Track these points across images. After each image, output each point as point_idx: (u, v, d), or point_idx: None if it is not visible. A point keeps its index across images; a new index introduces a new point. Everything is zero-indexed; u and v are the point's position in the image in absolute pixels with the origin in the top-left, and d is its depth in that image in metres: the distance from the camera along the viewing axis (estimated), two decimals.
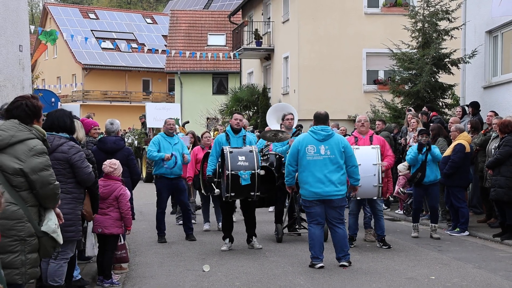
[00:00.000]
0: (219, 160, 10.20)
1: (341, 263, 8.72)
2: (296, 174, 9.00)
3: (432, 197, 11.43)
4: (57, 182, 5.48)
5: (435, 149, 11.38)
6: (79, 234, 6.79)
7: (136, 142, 26.39)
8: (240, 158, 9.86)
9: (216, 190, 10.10)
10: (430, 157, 11.16)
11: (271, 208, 13.52)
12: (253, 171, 9.78)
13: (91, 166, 6.78)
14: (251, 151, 9.96)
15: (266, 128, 14.50)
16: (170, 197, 12.38)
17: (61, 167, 6.42)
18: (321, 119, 8.96)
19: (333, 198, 8.66)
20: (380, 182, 10.08)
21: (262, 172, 9.92)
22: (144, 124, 26.58)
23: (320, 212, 8.72)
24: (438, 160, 11.36)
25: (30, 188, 5.31)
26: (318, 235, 8.72)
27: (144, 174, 25.52)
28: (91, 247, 8.07)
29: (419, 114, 15.06)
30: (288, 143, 11.21)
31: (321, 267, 8.61)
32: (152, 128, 24.67)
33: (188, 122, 24.28)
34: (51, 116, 6.70)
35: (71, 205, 6.54)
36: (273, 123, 13.81)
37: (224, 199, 9.98)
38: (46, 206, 5.48)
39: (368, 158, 10.01)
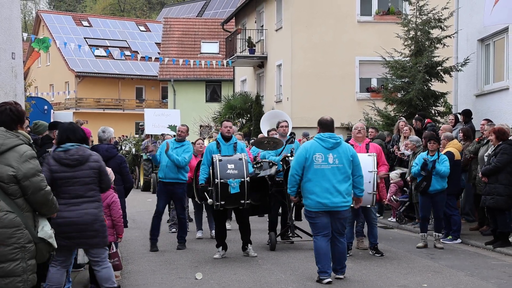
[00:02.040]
0: (210, 168, 10.20)
1: (337, 275, 8.40)
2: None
3: (438, 206, 11.20)
4: (48, 188, 5.49)
5: (441, 166, 10.98)
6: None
7: (134, 149, 26.13)
8: (229, 166, 9.85)
9: (209, 200, 10.07)
10: (437, 166, 11.02)
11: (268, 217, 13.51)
12: (242, 179, 9.77)
13: None
14: (240, 159, 9.94)
15: (259, 135, 14.52)
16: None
17: (94, 176, 6.61)
18: (327, 125, 8.45)
19: (340, 209, 8.24)
20: (375, 189, 10.06)
21: (273, 171, 9.93)
22: (143, 131, 25.90)
23: (326, 223, 8.24)
24: (444, 175, 11.17)
25: (23, 194, 5.32)
26: (325, 248, 8.26)
27: (141, 182, 25.28)
28: (83, 255, 8.02)
29: (414, 120, 15.10)
30: (279, 153, 11.25)
31: (329, 282, 8.16)
32: (151, 135, 23.88)
33: None
34: (72, 128, 6.71)
35: (102, 212, 6.76)
36: (266, 130, 13.83)
37: (214, 207, 9.97)
38: (40, 212, 5.48)
39: (364, 165, 9.94)
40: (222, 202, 9.80)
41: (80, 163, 6.53)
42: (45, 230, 5.51)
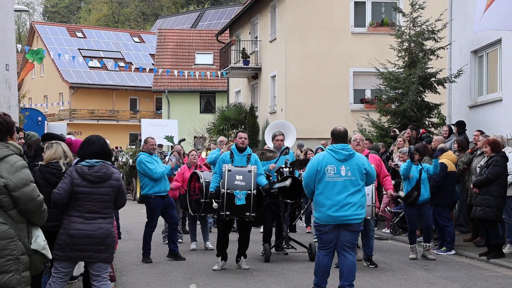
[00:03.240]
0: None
1: None
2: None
3: (426, 216, 11.25)
4: (41, 197, 5.46)
5: (436, 161, 11.28)
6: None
7: (130, 161, 25.94)
8: (237, 177, 9.79)
9: (214, 204, 9.91)
10: (424, 175, 11.12)
11: (262, 229, 13.50)
12: (249, 192, 9.73)
13: None
14: (250, 171, 9.89)
15: (265, 146, 14.51)
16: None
17: (113, 194, 6.61)
18: (340, 137, 8.10)
19: (352, 222, 7.93)
20: (374, 201, 10.05)
21: (287, 183, 10.02)
22: (141, 141, 25.85)
23: (333, 239, 7.98)
24: (431, 174, 11.31)
25: (15, 205, 5.31)
26: (326, 264, 8.06)
27: (138, 194, 25.07)
28: (77, 266, 7.99)
29: (408, 129, 15.14)
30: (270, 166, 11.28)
31: None
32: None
33: (184, 139, 23.59)
34: (99, 144, 6.70)
35: (113, 229, 6.75)
36: (270, 140, 13.82)
37: (220, 217, 9.92)
38: (33, 222, 5.46)
39: None
40: (227, 213, 9.75)
41: (102, 180, 6.53)
42: (38, 241, 5.49)
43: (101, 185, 6.52)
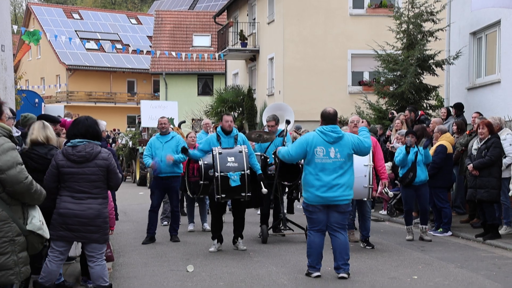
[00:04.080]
0: (207, 162, 10.17)
1: (340, 274, 8.11)
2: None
3: (423, 198, 11.27)
4: (29, 179, 5.42)
5: (427, 151, 11.29)
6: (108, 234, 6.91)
7: (130, 143, 25.89)
8: (229, 159, 9.79)
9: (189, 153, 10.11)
10: (420, 158, 11.13)
11: (259, 211, 13.52)
12: (242, 172, 9.73)
13: None
14: (240, 152, 9.89)
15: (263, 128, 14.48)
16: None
17: (101, 173, 6.58)
18: (330, 118, 8.20)
19: (340, 203, 8.09)
20: (371, 183, 10.05)
21: (264, 191, 9.88)
22: (140, 123, 25.31)
23: (323, 219, 8.14)
24: (429, 162, 11.34)
25: (3, 187, 5.27)
26: (318, 244, 8.17)
27: (137, 177, 25.04)
28: (74, 247, 8.02)
29: (407, 111, 15.13)
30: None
31: (318, 276, 8.14)
32: (147, 127, 23.41)
33: (184, 122, 23.35)
34: (84, 124, 6.68)
35: (106, 209, 6.72)
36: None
37: (216, 200, 9.93)
38: (24, 202, 5.44)
39: (360, 158, 9.91)
40: (223, 195, 9.76)
41: (86, 160, 6.52)
42: (34, 222, 5.48)
43: (86, 165, 6.52)
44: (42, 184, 6.03)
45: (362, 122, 10.43)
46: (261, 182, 9.93)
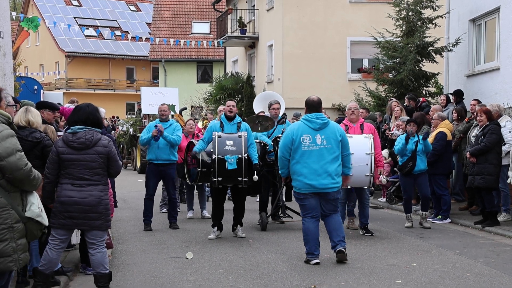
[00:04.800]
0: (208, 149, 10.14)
1: (338, 248, 8.17)
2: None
3: (423, 185, 11.28)
4: (28, 165, 5.42)
5: (427, 141, 11.25)
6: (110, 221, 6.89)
7: (131, 130, 25.80)
8: (227, 142, 9.78)
9: (202, 154, 9.94)
10: (420, 147, 11.12)
11: (258, 198, 13.54)
12: (240, 156, 9.73)
13: None
14: (239, 136, 9.88)
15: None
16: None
17: (101, 160, 6.57)
18: (314, 106, 8.31)
19: (329, 191, 8.15)
20: (372, 171, 10.06)
21: (255, 178, 9.85)
22: (140, 110, 25.18)
23: (315, 205, 8.21)
24: (428, 151, 11.33)
25: (2, 174, 5.27)
26: (313, 230, 8.21)
27: (138, 164, 24.98)
28: (74, 235, 8.03)
29: (407, 100, 15.13)
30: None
31: (317, 263, 8.16)
32: (148, 114, 23.17)
33: (185, 108, 23.09)
34: (84, 111, 6.67)
35: (107, 195, 6.72)
36: (259, 111, 13.78)
37: (213, 184, 9.92)
38: (23, 188, 5.44)
39: (361, 147, 9.92)
40: (220, 179, 9.75)
41: (86, 146, 6.51)
42: (32, 209, 5.48)
43: (86, 151, 6.51)
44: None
45: (361, 113, 10.42)
46: (255, 172, 9.89)
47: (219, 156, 9.67)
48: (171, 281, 7.46)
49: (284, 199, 11.50)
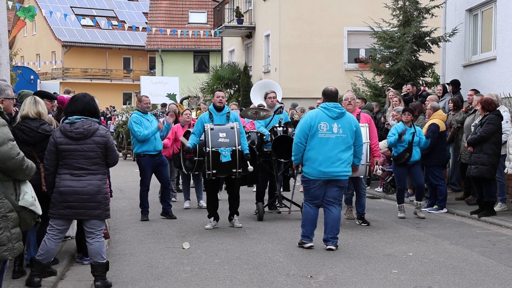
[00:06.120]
0: (201, 139, 10.13)
1: (328, 246, 8.42)
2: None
3: (417, 175, 11.32)
4: (21, 155, 5.38)
5: (422, 136, 11.30)
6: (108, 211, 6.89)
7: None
8: (220, 135, 9.80)
9: (188, 145, 9.99)
10: (416, 139, 11.14)
11: (255, 188, 13.55)
12: (233, 148, 9.74)
13: None
14: (232, 128, 9.89)
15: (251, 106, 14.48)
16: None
17: (99, 150, 6.57)
18: (332, 96, 8.56)
19: (341, 178, 8.41)
20: (368, 160, 10.12)
21: (250, 169, 9.85)
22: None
23: (320, 194, 8.46)
24: (425, 148, 11.36)
25: None
26: (313, 215, 8.49)
27: None
28: (70, 226, 8.00)
29: (409, 86, 15.15)
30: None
31: (311, 246, 8.46)
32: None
33: (187, 97, 22.64)
34: (82, 101, 6.66)
35: (106, 184, 6.72)
36: (257, 100, 13.77)
37: (207, 176, 9.94)
38: (16, 178, 5.42)
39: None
40: (214, 171, 9.77)
41: (84, 136, 6.51)
42: (26, 198, 5.46)
43: (84, 141, 6.51)
44: (31, 157, 6.03)
45: (358, 103, 10.44)
46: (248, 161, 9.90)
47: (213, 149, 9.68)
48: (168, 271, 7.48)
49: (281, 189, 11.50)
